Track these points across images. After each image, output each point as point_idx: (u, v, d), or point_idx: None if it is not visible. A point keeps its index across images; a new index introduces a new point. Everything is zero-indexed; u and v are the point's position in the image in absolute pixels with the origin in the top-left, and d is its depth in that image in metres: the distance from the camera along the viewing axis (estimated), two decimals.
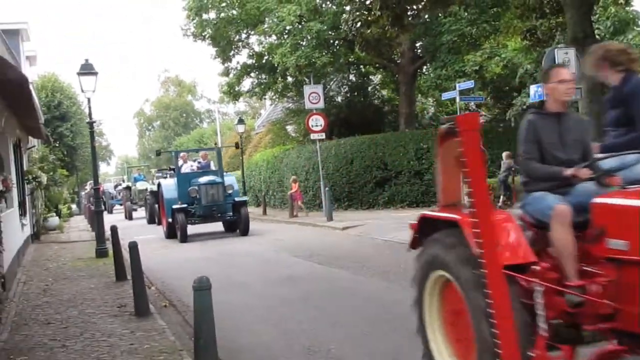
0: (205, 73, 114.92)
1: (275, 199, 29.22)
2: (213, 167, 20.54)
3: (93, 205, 16.79)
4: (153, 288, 10.04)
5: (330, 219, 19.18)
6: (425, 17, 22.17)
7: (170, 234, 18.38)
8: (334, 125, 26.12)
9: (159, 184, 21.05)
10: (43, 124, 18.25)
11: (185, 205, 17.75)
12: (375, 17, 15.27)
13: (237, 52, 27.69)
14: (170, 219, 18.27)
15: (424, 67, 25.08)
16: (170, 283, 10.68)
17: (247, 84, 28.40)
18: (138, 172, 38.62)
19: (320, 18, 23.41)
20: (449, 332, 4.41)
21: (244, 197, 20.75)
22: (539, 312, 3.71)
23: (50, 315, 8.02)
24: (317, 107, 21.18)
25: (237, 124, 33.44)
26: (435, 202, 19.59)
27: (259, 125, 43.13)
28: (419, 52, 24.66)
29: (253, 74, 27.71)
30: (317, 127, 21.04)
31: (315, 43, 22.85)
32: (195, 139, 61.54)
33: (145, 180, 33.87)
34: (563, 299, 3.83)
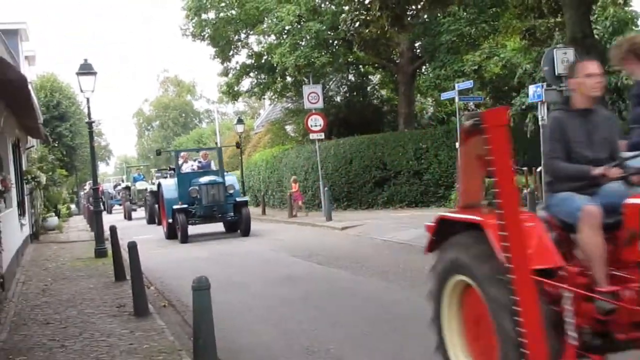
0: (205, 73, 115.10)
1: (275, 199, 29.23)
2: (214, 166, 20.42)
3: (92, 206, 16.77)
4: (152, 288, 10.04)
5: (330, 219, 19.18)
6: (425, 17, 22.16)
7: (171, 235, 18.21)
8: (333, 125, 26.11)
9: (159, 184, 20.85)
10: (42, 124, 18.26)
11: (186, 206, 17.54)
12: (375, 17, 15.26)
13: (236, 52, 27.69)
14: (171, 220, 18.11)
15: (423, 67, 25.06)
16: (170, 283, 10.68)
17: (246, 84, 28.43)
18: (137, 172, 38.58)
19: (320, 18, 23.41)
20: (470, 339, 4.22)
21: (245, 197, 20.52)
22: (568, 319, 3.53)
23: (49, 315, 8.02)
24: (316, 107, 21.17)
25: (236, 124, 33.43)
26: (434, 202, 19.67)
27: (258, 125, 43.11)
28: (418, 52, 24.64)
29: (252, 74, 27.71)
30: (316, 127, 21.02)
31: (315, 43, 22.85)
32: (195, 139, 61.56)
33: (145, 180, 33.83)
34: (593, 306, 3.64)
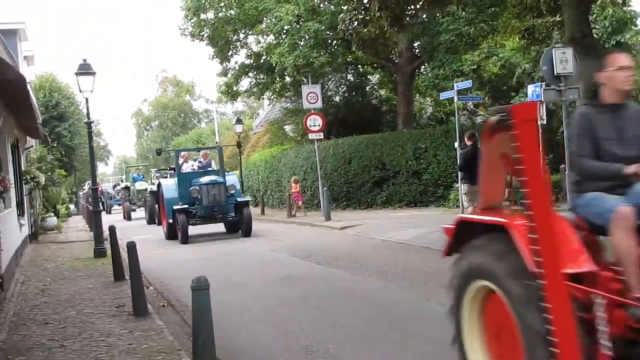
0: (204, 73, 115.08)
1: (274, 199, 29.24)
2: (214, 166, 20.23)
3: (91, 206, 16.74)
4: (151, 288, 10.05)
5: (329, 219, 19.18)
6: (423, 16, 22.17)
7: (171, 235, 17.98)
8: (332, 125, 26.12)
9: (159, 184, 20.61)
10: (41, 124, 18.23)
11: (186, 206, 17.32)
12: (374, 17, 15.24)
13: (235, 52, 27.70)
14: (171, 220, 17.89)
15: (422, 66, 25.09)
16: (169, 283, 10.68)
17: (245, 84, 28.45)
18: (137, 172, 38.55)
19: (318, 18, 23.43)
20: (492, 348, 4.02)
21: (247, 197, 20.26)
22: (601, 327, 3.33)
23: (49, 315, 8.01)
24: (315, 107, 21.16)
25: (235, 124, 33.42)
26: (433, 202, 19.66)
27: (257, 125, 43.10)
28: (417, 51, 24.65)
29: (251, 74, 27.72)
30: (315, 127, 21.00)
31: (313, 43, 22.86)
32: (194, 139, 61.59)
33: (144, 180, 33.81)
34: (626, 313, 3.42)
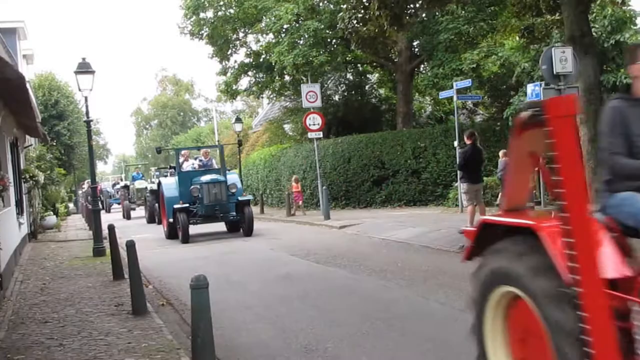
0: (203, 72, 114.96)
1: (273, 198, 29.25)
2: (215, 165, 20.04)
3: (90, 204, 16.72)
4: (150, 287, 10.04)
5: (328, 218, 19.19)
6: (423, 15, 22.17)
7: (171, 235, 17.77)
8: (332, 124, 26.14)
9: (159, 183, 20.40)
10: (40, 123, 18.23)
11: (187, 205, 17.14)
12: (374, 16, 15.21)
13: (234, 51, 27.72)
14: (171, 219, 17.71)
15: (421, 65, 25.12)
16: (168, 282, 10.67)
17: (244, 83, 28.50)
18: (136, 170, 38.55)
19: (318, 17, 23.44)
20: (517, 355, 3.84)
21: (248, 196, 20.06)
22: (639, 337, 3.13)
23: (48, 314, 8.01)
24: (314, 105, 21.16)
25: (234, 123, 33.42)
26: (432, 201, 19.60)
27: (257, 124, 43.08)
28: (416, 50, 24.67)
29: (250, 73, 27.74)
30: (314, 125, 21.00)
31: (313, 42, 22.87)
32: (193, 138, 61.61)
33: (144, 179, 33.80)
34: None
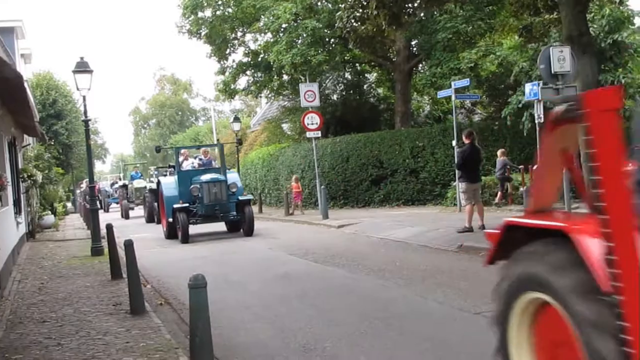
0: (201, 71, 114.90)
1: (271, 197, 29.24)
2: (215, 164, 19.81)
3: (88, 204, 16.69)
4: (149, 286, 10.04)
5: (326, 217, 19.19)
6: (421, 15, 22.18)
7: (171, 234, 17.56)
8: (330, 124, 26.13)
9: (159, 182, 20.20)
10: (38, 122, 18.22)
11: (187, 205, 16.93)
12: (372, 15, 15.20)
13: (232, 50, 27.72)
14: (171, 219, 17.46)
15: (420, 65, 25.13)
16: (166, 281, 10.67)
17: (242, 82, 28.48)
18: (135, 170, 38.48)
19: (316, 16, 23.44)
20: None
21: (248, 195, 19.84)
22: None
23: (46, 314, 8.00)
24: (312, 105, 21.15)
25: (232, 122, 33.43)
26: (431, 200, 19.58)
27: (255, 123, 43.08)
28: (415, 50, 24.69)
29: (249, 72, 27.73)
30: (312, 125, 20.99)
31: (311, 41, 22.87)
32: (191, 137, 61.58)
33: (142, 178, 33.76)
34: None
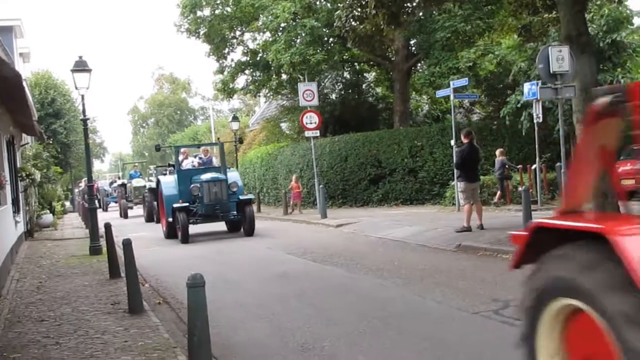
0: (200, 70, 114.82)
1: (269, 196, 29.23)
2: (215, 163, 19.58)
3: (87, 203, 16.67)
4: (147, 285, 10.03)
5: (325, 217, 19.20)
6: (420, 14, 22.18)
7: (170, 234, 17.38)
8: (328, 123, 26.12)
9: (158, 181, 19.98)
10: (36, 121, 18.20)
11: (187, 204, 16.71)
12: (371, 14, 15.19)
13: (231, 49, 27.68)
14: (171, 219, 17.27)
15: (418, 64, 25.13)
16: (164, 280, 10.67)
17: (241, 82, 28.45)
18: (134, 169, 38.45)
19: (315, 15, 23.43)
20: None
21: (249, 195, 19.65)
22: None
23: (44, 313, 8.00)
24: (311, 104, 21.15)
25: (231, 121, 33.43)
26: (429, 199, 19.60)
27: (253, 123, 43.08)
28: (413, 49, 24.69)
29: (247, 71, 27.69)
30: (311, 124, 21.00)
31: (310, 40, 22.86)
32: (190, 136, 61.62)
33: (141, 177, 33.70)
34: None
